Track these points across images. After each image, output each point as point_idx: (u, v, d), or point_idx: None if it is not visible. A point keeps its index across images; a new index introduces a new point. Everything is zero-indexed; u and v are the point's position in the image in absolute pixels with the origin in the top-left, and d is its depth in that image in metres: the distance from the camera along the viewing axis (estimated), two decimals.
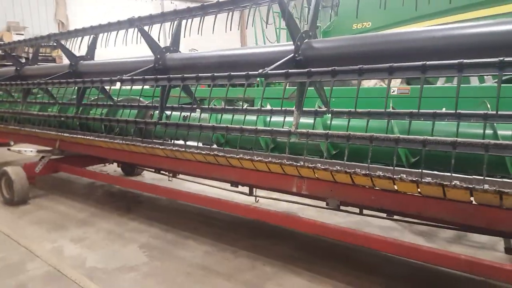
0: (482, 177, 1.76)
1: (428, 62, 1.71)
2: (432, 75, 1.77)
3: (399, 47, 2.08)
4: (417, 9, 4.50)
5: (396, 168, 1.99)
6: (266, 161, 2.47)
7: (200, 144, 3.19)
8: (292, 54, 2.23)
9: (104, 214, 3.96)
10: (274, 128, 2.42)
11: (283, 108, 2.74)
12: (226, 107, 3.17)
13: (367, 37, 2.20)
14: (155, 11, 3.16)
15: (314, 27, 2.34)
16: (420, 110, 2.19)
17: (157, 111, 3.57)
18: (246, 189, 3.25)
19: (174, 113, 3.55)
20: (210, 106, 3.28)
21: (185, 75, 2.60)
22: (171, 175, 4.04)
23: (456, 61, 1.67)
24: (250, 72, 2.17)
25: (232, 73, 2.28)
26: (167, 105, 3.31)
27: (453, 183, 1.78)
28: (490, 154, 1.69)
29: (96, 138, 3.71)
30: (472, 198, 1.85)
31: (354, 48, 2.17)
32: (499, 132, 1.98)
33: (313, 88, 2.43)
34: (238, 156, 2.65)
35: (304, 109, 2.42)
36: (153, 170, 4.23)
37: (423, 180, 1.86)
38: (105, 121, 3.67)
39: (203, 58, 2.97)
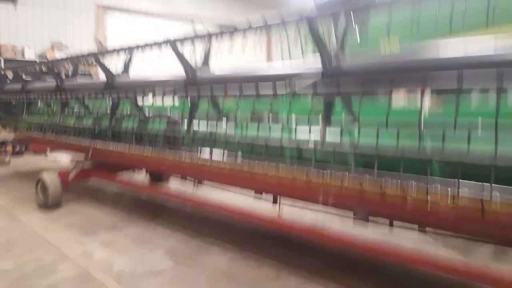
0: None
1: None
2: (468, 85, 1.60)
3: (430, 61, 1.92)
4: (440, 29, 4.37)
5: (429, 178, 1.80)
6: (291, 171, 2.31)
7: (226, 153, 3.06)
8: (320, 72, 2.09)
9: (132, 219, 3.83)
10: (299, 141, 2.26)
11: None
12: (252, 119, 3.05)
13: (393, 56, 2.06)
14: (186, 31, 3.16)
15: (343, 46, 2.20)
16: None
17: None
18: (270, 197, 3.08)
19: (201, 124, 3.44)
20: (236, 119, 3.15)
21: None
22: (197, 182, 3.90)
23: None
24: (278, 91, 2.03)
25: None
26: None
27: (492, 195, 1.59)
28: None
29: (126, 149, 3.61)
30: None
31: (382, 66, 2.02)
32: None
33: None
34: (262, 170, 2.50)
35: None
36: (180, 177, 4.10)
37: (459, 191, 1.66)
38: (136, 133, 3.58)
39: (232, 76, 2.85)
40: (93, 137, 4.12)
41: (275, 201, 3.10)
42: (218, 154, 3.10)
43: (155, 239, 3.29)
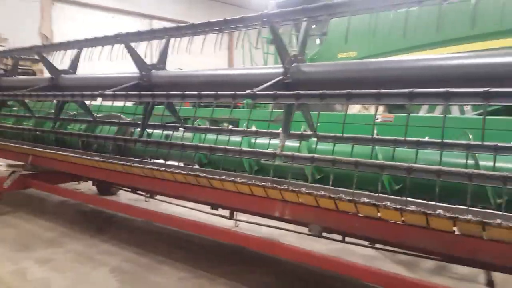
0: (465, 207, 1.78)
1: (415, 90, 1.75)
2: (419, 102, 1.82)
3: (386, 74, 2.14)
4: (399, 42, 4.71)
5: (380, 195, 2.00)
6: (249, 183, 2.44)
7: (181, 164, 3.15)
8: (281, 77, 2.26)
9: (74, 235, 3.81)
10: (259, 150, 2.41)
11: (268, 130, 2.75)
12: (210, 127, 3.17)
13: (354, 64, 2.27)
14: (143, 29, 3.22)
15: (303, 51, 2.39)
16: (404, 138, 2.24)
17: (138, 129, 3.55)
18: (226, 213, 3.20)
19: (155, 131, 3.52)
20: (194, 125, 3.26)
21: (170, 92, 2.59)
22: (148, 195, 3.95)
23: (443, 90, 1.72)
24: (237, 92, 2.18)
25: (219, 92, 2.28)
26: (149, 123, 3.28)
27: (437, 212, 1.80)
28: (473, 184, 1.72)
29: (72, 155, 3.62)
30: (455, 228, 1.87)
31: (342, 74, 2.22)
32: (481, 163, 2.03)
33: (299, 111, 2.46)
34: (220, 178, 2.62)
35: (290, 132, 2.44)
36: (130, 189, 4.13)
37: (407, 208, 1.86)
38: (83, 137, 3.59)
39: (189, 77, 2.98)
40: (33, 141, 4.08)
41: (231, 217, 3.23)
42: (173, 164, 3.21)
43: (99, 257, 3.31)
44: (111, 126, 3.76)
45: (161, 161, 3.31)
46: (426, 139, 2.25)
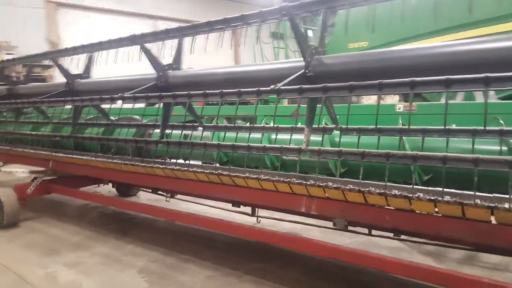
0: (502, 196, 1.72)
1: (452, 77, 1.69)
2: (455, 89, 1.75)
3: (408, 63, 2.07)
4: (411, 29, 4.59)
5: (412, 186, 1.94)
6: (273, 180, 2.41)
7: (200, 163, 3.13)
8: (303, 70, 2.21)
9: (99, 237, 3.82)
10: (284, 146, 2.36)
11: (289, 126, 2.70)
12: (230, 125, 3.14)
13: (376, 53, 2.20)
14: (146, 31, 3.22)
15: (323, 43, 2.33)
16: (433, 127, 2.17)
17: (156, 130, 3.53)
18: (246, 209, 3.17)
19: (174, 131, 3.49)
20: (213, 124, 3.23)
21: (191, 91, 2.55)
22: (169, 195, 3.94)
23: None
24: (261, 88, 2.13)
25: (242, 89, 2.24)
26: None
27: (475, 202, 1.74)
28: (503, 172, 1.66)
29: (93, 158, 3.61)
30: (492, 217, 1.80)
31: (364, 64, 2.16)
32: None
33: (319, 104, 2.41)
34: (244, 175, 2.58)
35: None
36: (150, 190, 4.13)
37: (442, 199, 1.80)
38: (103, 140, 3.58)
39: (208, 75, 2.94)
40: (53, 147, 4.09)
41: (253, 214, 3.19)
42: (193, 164, 3.18)
43: (125, 258, 3.31)
44: (129, 128, 3.75)
45: (181, 161, 3.29)
46: (454, 126, 2.19)
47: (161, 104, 3.10)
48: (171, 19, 14.03)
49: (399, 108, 3.06)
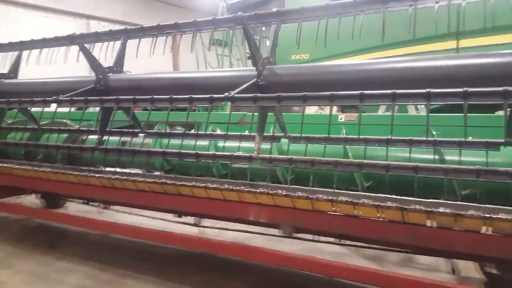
0: (438, 201, 1.88)
1: (365, 92, 1.84)
2: (370, 103, 1.90)
3: (356, 76, 2.21)
4: (348, 45, 4.90)
5: (356, 192, 2.06)
6: (222, 188, 2.39)
7: (140, 172, 3.00)
8: (255, 79, 2.24)
9: (22, 253, 3.48)
10: (235, 153, 2.36)
11: (239, 133, 2.71)
12: (175, 131, 3.06)
13: (326, 66, 2.31)
14: (79, 31, 2.98)
15: (274, 53, 2.39)
16: (375, 137, 2.33)
17: (91, 136, 3.32)
18: (187, 220, 3.10)
19: (111, 138, 3.31)
20: (156, 131, 3.12)
21: (136, 96, 2.45)
22: (102, 206, 3.72)
23: (390, 91, 1.82)
24: (214, 95, 2.12)
25: (194, 96, 2.20)
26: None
27: (414, 207, 1.88)
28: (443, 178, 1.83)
29: (17, 166, 3.29)
30: (428, 221, 1.96)
31: (314, 76, 2.26)
32: (446, 158, 2.17)
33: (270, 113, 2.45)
34: (191, 184, 2.53)
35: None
36: (81, 201, 3.86)
37: (384, 204, 1.93)
38: (30, 147, 3.28)
39: (153, 80, 2.85)
40: None
41: (196, 224, 3.13)
42: (133, 172, 3.04)
43: (55, 276, 3.04)
44: (59, 134, 3.49)
45: (117, 169, 3.14)
46: (391, 137, 2.36)
47: (93, 108, 2.94)
48: (106, 20, 13.38)
49: (341, 119, 3.23)
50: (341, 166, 2.01)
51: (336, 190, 2.11)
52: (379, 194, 2.03)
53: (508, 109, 1.93)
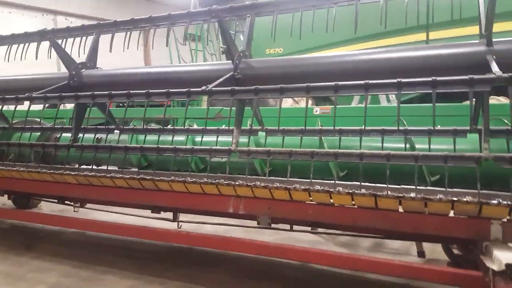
0: (408, 187, 1.99)
1: (339, 83, 1.92)
2: (343, 93, 1.98)
3: (330, 68, 2.29)
4: (322, 38, 5.00)
5: (332, 182, 2.14)
6: (201, 182, 2.42)
7: (115, 168, 2.99)
8: (232, 73, 2.27)
9: None
10: (213, 147, 2.40)
11: (217, 128, 2.74)
12: (151, 127, 3.06)
13: (301, 59, 2.37)
14: (46, 27, 2.89)
15: (250, 47, 2.43)
16: (349, 127, 2.41)
17: (65, 134, 3.27)
18: (165, 215, 3.11)
19: (86, 135, 3.27)
20: (132, 127, 3.11)
21: (112, 91, 2.44)
22: (78, 204, 3.67)
23: (362, 82, 1.90)
24: (192, 89, 2.14)
25: (171, 90, 2.22)
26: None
27: (386, 193, 1.98)
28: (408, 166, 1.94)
29: None
30: (400, 207, 2.07)
31: (290, 69, 2.31)
32: (417, 146, 2.28)
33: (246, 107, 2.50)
34: (169, 179, 2.55)
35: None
36: (56, 200, 3.79)
37: (358, 191, 2.01)
38: (3, 146, 3.20)
39: (128, 75, 2.83)
40: None
41: (174, 219, 3.15)
42: (109, 169, 3.03)
43: (31, 275, 2.99)
44: (32, 132, 3.42)
45: (93, 166, 3.11)
46: (364, 127, 2.45)
47: (65, 106, 2.90)
48: (74, 15, 12.99)
49: (316, 111, 3.32)
50: (317, 156, 2.09)
51: (312, 180, 2.19)
52: (353, 182, 2.12)
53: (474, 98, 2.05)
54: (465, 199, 1.81)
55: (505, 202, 1.72)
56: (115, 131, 3.19)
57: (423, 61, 2.14)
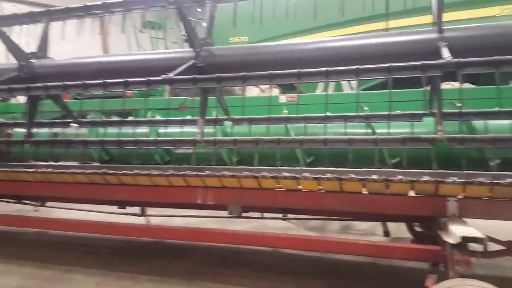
0: (371, 169, 2.07)
1: (302, 70, 1.96)
2: (306, 80, 2.02)
3: (292, 56, 2.32)
4: (285, 27, 5.03)
5: (299, 168, 2.19)
6: (167, 174, 2.40)
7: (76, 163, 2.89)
8: (193, 61, 2.24)
9: None
10: (178, 138, 2.37)
11: (181, 118, 2.71)
12: (112, 119, 2.97)
13: (263, 46, 2.38)
14: None
15: (211, 34, 2.40)
16: (314, 114, 2.47)
17: (17, 129, 3.12)
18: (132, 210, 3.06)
19: (41, 130, 3.13)
20: (91, 119, 3.01)
21: (68, 82, 2.34)
22: (38, 203, 3.53)
23: (324, 69, 1.95)
24: (151, 78, 2.09)
25: (129, 80, 2.15)
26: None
27: (350, 177, 2.05)
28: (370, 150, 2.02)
29: None
30: (364, 189, 2.15)
31: (253, 56, 2.31)
32: (378, 131, 2.37)
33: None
34: (133, 172, 2.50)
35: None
36: (14, 200, 3.61)
37: (324, 176, 2.08)
38: None
39: (84, 65, 2.72)
40: None
41: (142, 213, 3.10)
42: (69, 164, 2.92)
43: None
44: None
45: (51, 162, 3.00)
46: (329, 114, 2.52)
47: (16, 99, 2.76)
48: (23, 2, 12.17)
49: (282, 100, 3.36)
50: (284, 144, 2.12)
51: (280, 168, 2.23)
52: (319, 168, 2.18)
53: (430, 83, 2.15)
54: (423, 179, 1.92)
55: (459, 180, 1.83)
56: (73, 124, 3.08)
57: (381, 48, 2.21)
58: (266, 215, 2.76)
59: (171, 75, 2.06)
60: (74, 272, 2.94)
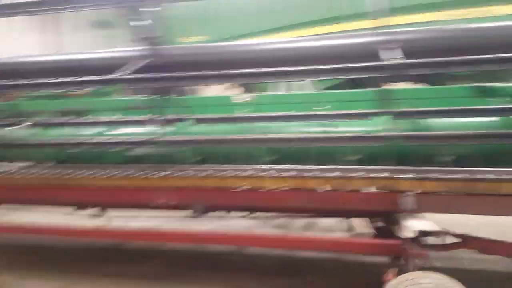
0: (334, 167, 2.12)
1: (256, 70, 1.96)
2: (262, 80, 2.04)
3: (248, 56, 2.32)
4: (241, 28, 4.99)
5: (262, 166, 2.20)
6: (127, 174, 2.33)
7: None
8: (149, 59, 2.18)
9: None
10: (138, 138, 2.30)
11: (142, 117, 2.62)
12: (67, 120, 2.83)
13: (218, 46, 2.37)
14: None
15: (167, 33, 2.35)
16: (278, 113, 2.47)
17: None
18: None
19: None
20: (43, 120, 2.85)
21: (18, 82, 2.19)
22: None
23: (282, 69, 1.95)
24: (107, 77, 2.00)
25: (85, 78, 2.05)
26: None
27: (313, 174, 2.08)
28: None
29: None
30: (327, 185, 2.18)
31: (209, 56, 2.29)
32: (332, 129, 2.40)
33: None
34: (91, 172, 2.41)
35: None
36: None
37: (288, 174, 2.09)
38: None
39: (32, 64, 2.56)
40: None
41: (101, 215, 2.99)
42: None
43: None
44: None
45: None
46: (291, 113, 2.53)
47: None
48: None
49: (246, 98, 3.32)
50: (248, 143, 2.11)
51: (244, 166, 2.22)
52: (282, 166, 2.19)
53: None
54: (381, 175, 1.98)
55: (416, 176, 1.91)
56: (22, 125, 2.90)
57: (331, 50, 2.26)
58: (232, 214, 2.73)
59: (128, 71, 1.99)
60: (29, 278, 2.81)
